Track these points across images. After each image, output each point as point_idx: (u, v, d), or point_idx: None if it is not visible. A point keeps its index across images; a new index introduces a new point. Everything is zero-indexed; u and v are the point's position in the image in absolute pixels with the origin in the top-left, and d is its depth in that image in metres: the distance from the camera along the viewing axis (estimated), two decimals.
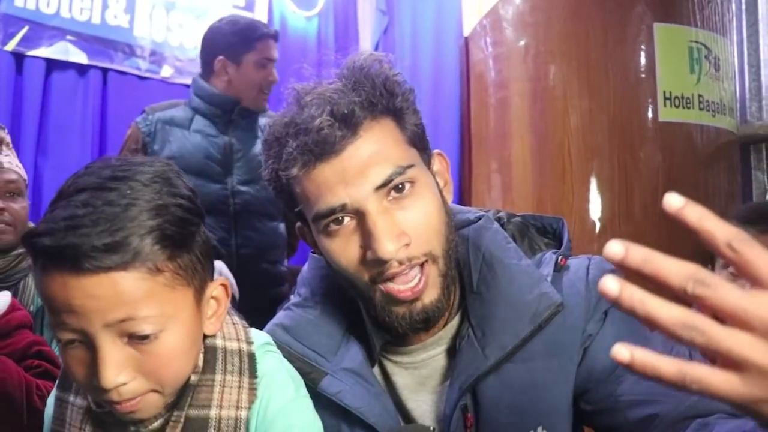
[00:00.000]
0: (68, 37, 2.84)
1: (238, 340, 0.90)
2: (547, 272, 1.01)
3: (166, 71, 3.15)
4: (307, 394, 0.93)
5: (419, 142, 0.99)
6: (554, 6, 1.96)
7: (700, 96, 1.92)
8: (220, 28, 2.48)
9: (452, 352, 1.02)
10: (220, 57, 2.41)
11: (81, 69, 2.91)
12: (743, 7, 2.65)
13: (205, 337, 0.87)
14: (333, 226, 0.93)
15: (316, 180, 0.92)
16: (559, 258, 1.02)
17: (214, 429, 0.83)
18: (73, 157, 2.86)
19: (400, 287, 0.92)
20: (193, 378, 0.85)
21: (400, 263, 0.91)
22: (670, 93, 1.88)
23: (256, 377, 0.88)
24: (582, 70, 1.89)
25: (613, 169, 1.86)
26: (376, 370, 1.05)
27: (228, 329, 0.91)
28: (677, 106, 1.88)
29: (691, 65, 1.91)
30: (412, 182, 0.94)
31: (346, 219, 0.93)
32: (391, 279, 0.92)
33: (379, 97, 0.94)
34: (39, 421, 1.27)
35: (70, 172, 2.57)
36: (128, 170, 0.79)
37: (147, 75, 3.10)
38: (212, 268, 0.87)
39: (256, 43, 2.40)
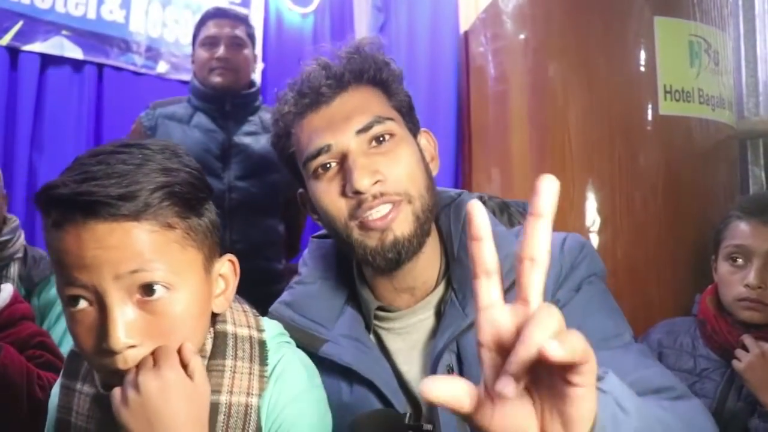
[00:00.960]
0: (63, 32, 2.82)
1: (248, 327, 0.91)
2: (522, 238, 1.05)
3: (161, 67, 3.13)
4: (321, 385, 0.93)
5: (405, 111, 1.10)
6: None
7: (700, 90, 1.91)
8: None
9: (438, 316, 1.09)
10: (192, 53, 2.53)
11: (76, 64, 2.89)
12: (740, 3, 2.65)
13: (213, 320, 0.87)
14: (320, 171, 1.04)
15: (308, 128, 1.05)
16: None
17: (225, 415, 0.82)
18: (68, 153, 2.84)
19: (374, 215, 1.01)
20: (204, 363, 0.84)
21: (374, 197, 1.00)
22: (671, 87, 1.87)
23: (266, 365, 0.88)
24: (582, 64, 1.89)
25: (614, 163, 1.86)
26: (372, 336, 1.11)
27: (238, 316, 0.91)
28: (677, 100, 1.88)
29: (691, 59, 1.91)
30: (392, 135, 1.04)
31: (332, 164, 1.03)
32: (367, 217, 1.00)
33: (367, 69, 1.07)
34: (39, 410, 1.27)
35: (65, 167, 2.54)
36: (139, 141, 0.83)
37: (143, 71, 3.08)
38: (219, 247, 0.88)
39: (201, 28, 2.47)
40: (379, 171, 1.01)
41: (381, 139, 1.04)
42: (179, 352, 0.78)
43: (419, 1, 3.46)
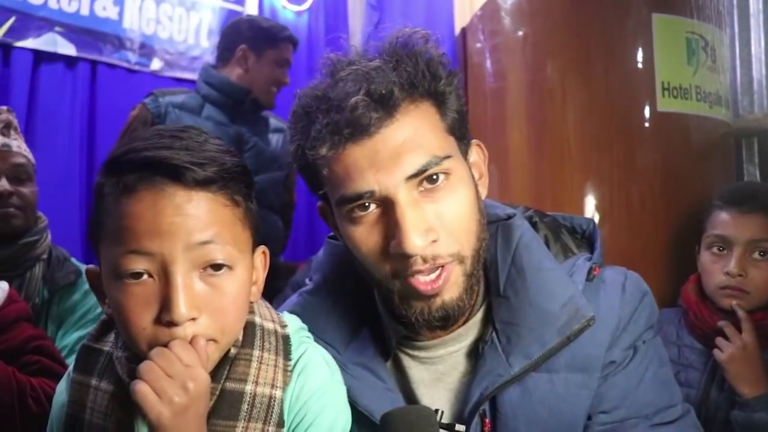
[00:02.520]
0: (56, 28, 2.79)
1: (273, 321, 0.91)
2: (579, 280, 0.98)
3: (155, 64, 3.12)
4: (342, 381, 0.93)
5: (458, 131, 0.94)
6: None
7: (697, 87, 1.92)
8: (249, 20, 2.59)
9: (473, 352, 0.99)
10: (243, 46, 2.48)
11: (69, 61, 2.87)
12: (735, 2, 2.66)
13: None
14: (358, 212, 0.89)
15: (345, 161, 0.87)
16: (593, 266, 0.99)
17: (248, 404, 0.82)
18: (61, 151, 2.82)
19: (421, 279, 0.88)
20: (233, 351, 0.85)
21: (425, 261, 0.87)
22: (669, 84, 1.87)
23: (290, 360, 0.88)
24: (581, 61, 1.89)
25: (612, 160, 1.86)
26: (390, 363, 1.02)
27: (263, 310, 0.92)
28: (675, 97, 1.88)
29: (688, 56, 1.91)
30: (447, 174, 0.89)
31: (372, 206, 0.88)
32: (413, 274, 0.88)
33: (421, 79, 0.88)
34: (34, 423, 1.23)
35: (58, 166, 2.55)
36: (196, 127, 0.85)
37: (136, 68, 3.06)
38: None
39: (280, 42, 2.50)
40: (432, 229, 0.87)
41: (434, 178, 0.88)
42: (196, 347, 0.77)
43: None
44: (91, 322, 1.67)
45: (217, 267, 0.78)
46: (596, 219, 1.88)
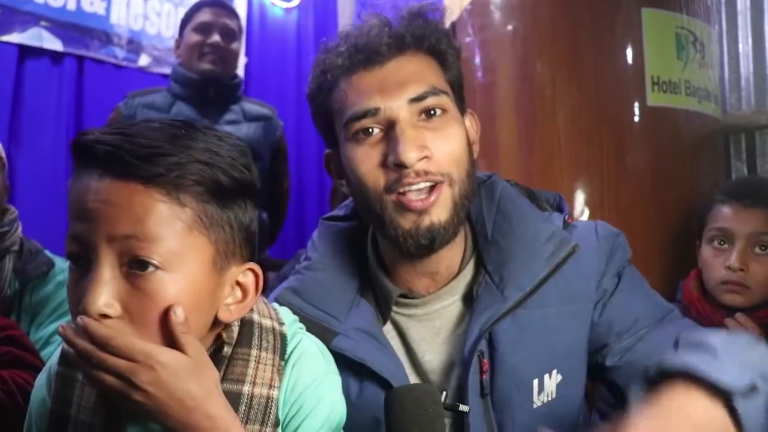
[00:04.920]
0: (42, 23, 2.77)
1: (271, 318, 0.88)
2: (558, 224, 1.07)
3: (143, 60, 3.10)
4: (337, 371, 0.91)
5: (457, 89, 1.05)
6: None
7: (687, 82, 1.92)
8: None
9: (467, 299, 1.05)
10: (177, 38, 2.54)
11: (56, 56, 2.85)
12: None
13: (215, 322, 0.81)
14: (362, 135, 0.98)
15: (357, 86, 0.99)
16: (566, 217, 1.10)
17: (246, 406, 0.79)
18: (47, 148, 2.80)
19: (413, 197, 0.96)
20: (227, 350, 0.81)
21: (417, 174, 0.95)
22: (658, 78, 1.87)
23: (284, 360, 0.85)
24: (571, 55, 1.88)
25: (602, 154, 1.85)
26: (389, 327, 1.07)
27: (261, 307, 0.88)
28: (665, 92, 1.88)
29: (678, 51, 1.91)
30: (443, 110, 0.99)
31: (376, 130, 0.98)
32: (405, 193, 0.96)
33: (428, 35, 1.01)
34: (4, 415, 1.20)
35: (44, 163, 2.53)
36: (202, 125, 0.80)
37: (124, 64, 3.05)
38: (248, 258, 0.83)
39: (195, 13, 2.48)
40: (426, 146, 0.96)
41: (432, 112, 0.98)
42: (169, 326, 0.72)
43: None
44: (66, 314, 1.65)
45: (141, 266, 0.71)
46: (586, 214, 1.87)
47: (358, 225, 1.14)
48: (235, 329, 0.83)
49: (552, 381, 1.00)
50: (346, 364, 0.96)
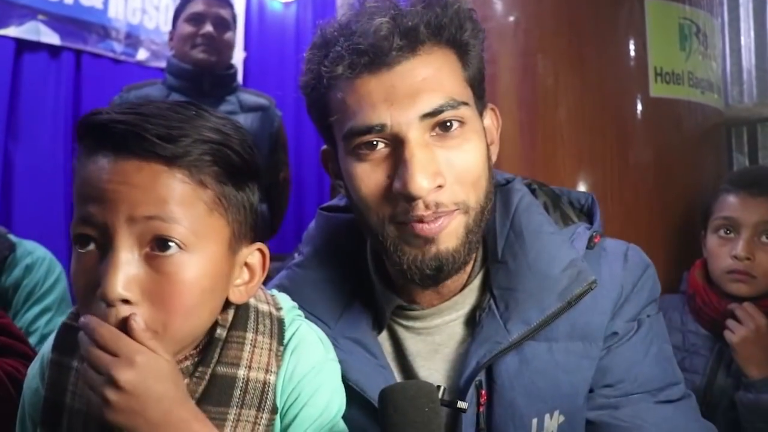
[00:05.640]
0: (39, 16, 2.75)
1: (268, 303, 0.86)
2: (580, 247, 0.95)
3: (141, 54, 3.08)
4: (336, 358, 0.88)
5: (478, 87, 0.91)
6: None
7: (690, 73, 1.91)
8: None
9: (470, 321, 0.96)
10: (171, 30, 2.52)
11: (53, 50, 2.83)
12: None
13: (227, 304, 0.81)
14: (364, 150, 0.85)
15: (359, 91, 0.84)
16: (594, 234, 0.96)
17: (241, 390, 0.78)
18: (44, 142, 2.78)
19: (417, 223, 0.85)
20: (220, 332, 0.79)
21: (427, 207, 0.83)
22: (661, 69, 1.86)
23: (283, 345, 0.83)
24: (573, 46, 1.87)
25: (605, 145, 1.84)
26: (384, 335, 0.99)
27: (258, 292, 0.87)
28: (668, 83, 1.87)
29: (681, 42, 1.90)
30: (461, 122, 0.85)
31: (380, 145, 0.85)
32: (412, 220, 0.85)
33: (448, 24, 0.85)
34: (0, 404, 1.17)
35: (41, 157, 2.50)
36: (202, 105, 0.78)
37: (122, 58, 3.03)
38: (255, 239, 0.82)
39: (187, 3, 2.46)
40: (440, 173, 0.83)
41: (448, 125, 0.85)
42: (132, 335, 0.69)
43: None
44: (45, 296, 1.62)
45: (163, 246, 0.70)
46: None
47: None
48: (230, 312, 0.81)
49: (553, 421, 0.91)
50: None
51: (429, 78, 0.84)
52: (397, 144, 0.84)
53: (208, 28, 2.40)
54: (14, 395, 1.15)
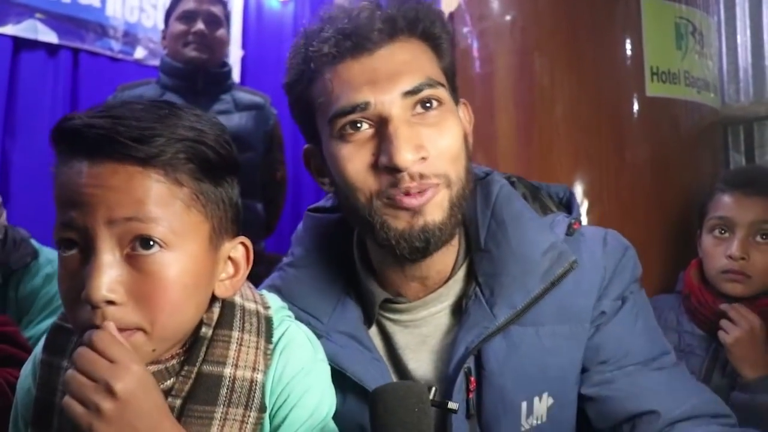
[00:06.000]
0: (37, 15, 2.75)
1: (255, 302, 0.87)
2: (560, 233, 0.99)
3: (139, 53, 3.08)
4: (325, 359, 0.89)
5: (451, 77, 0.97)
6: None
7: (686, 72, 1.91)
8: None
9: (456, 311, 0.99)
10: (163, 29, 2.52)
11: (51, 49, 2.83)
12: None
13: (214, 298, 0.82)
14: (349, 130, 0.89)
15: (343, 75, 0.89)
16: (572, 221, 1.00)
17: (227, 389, 0.78)
18: (42, 140, 2.73)
19: (406, 199, 0.88)
20: (205, 330, 0.80)
21: (412, 178, 0.87)
22: (657, 68, 1.86)
23: (271, 343, 0.84)
24: (570, 45, 1.87)
25: (601, 145, 1.85)
26: (374, 330, 1.01)
27: (245, 290, 0.87)
28: (664, 82, 1.87)
29: (677, 41, 1.90)
30: (440, 102, 0.91)
31: (365, 125, 0.89)
32: (398, 194, 0.88)
33: (422, 18, 0.92)
34: (2, 416, 1.17)
35: (39, 155, 2.48)
36: (176, 103, 0.79)
37: (119, 56, 3.03)
38: (238, 233, 0.83)
39: (178, 2, 2.45)
40: (423, 146, 0.87)
41: (428, 105, 0.90)
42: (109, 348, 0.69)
43: None
44: (60, 307, 1.61)
45: (144, 245, 0.71)
46: (586, 205, 1.87)
47: (345, 217, 1.05)
48: (216, 311, 0.82)
49: (542, 404, 0.94)
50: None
51: (408, 61, 0.90)
52: (381, 124, 0.88)
53: (200, 25, 2.39)
54: None
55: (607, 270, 0.97)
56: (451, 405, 0.90)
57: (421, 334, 1.00)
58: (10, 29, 2.69)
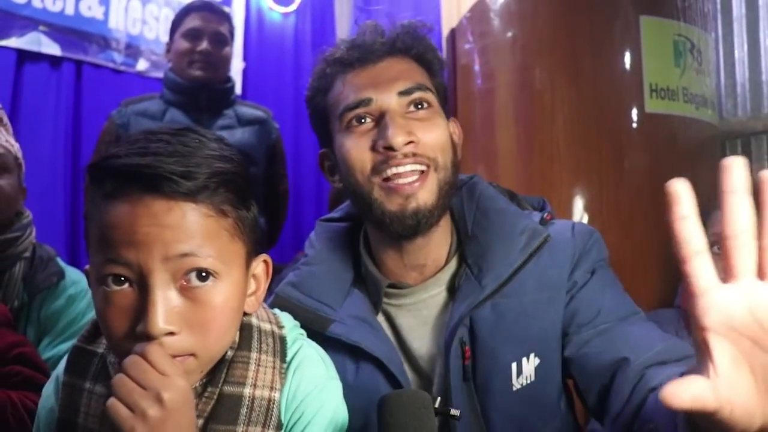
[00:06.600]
0: (41, 27, 2.76)
1: (270, 322, 0.89)
2: (535, 220, 1.13)
3: (141, 65, 3.09)
4: (337, 377, 0.92)
5: (441, 94, 1.13)
6: None
7: (684, 89, 1.94)
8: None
9: (451, 290, 1.11)
10: (168, 42, 2.50)
11: (54, 61, 2.84)
12: (718, 6, 2.70)
13: None
14: (354, 123, 1.07)
15: (352, 81, 1.09)
16: (545, 214, 1.15)
17: (247, 408, 0.80)
18: (45, 153, 2.79)
19: (400, 177, 1.04)
20: (229, 353, 0.82)
21: (405, 156, 1.03)
22: (656, 85, 1.89)
23: (285, 362, 0.86)
24: (570, 62, 1.90)
25: (601, 161, 1.87)
26: (381, 317, 1.12)
27: (259, 311, 0.89)
28: (663, 98, 1.90)
29: (676, 58, 1.93)
30: (429, 105, 1.08)
31: (368, 119, 1.06)
32: (392, 177, 1.04)
33: (416, 45, 1.11)
34: None
35: (42, 167, 2.48)
36: (191, 127, 0.82)
37: (122, 68, 3.04)
38: (259, 251, 0.86)
39: (184, 18, 2.44)
40: (413, 133, 1.04)
41: (420, 105, 1.07)
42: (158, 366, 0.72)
43: (401, 0, 3.47)
44: (79, 331, 1.60)
45: (199, 278, 0.74)
46: (585, 219, 1.89)
47: (353, 225, 1.20)
48: (237, 332, 0.84)
49: (530, 364, 1.04)
50: (342, 348, 1.03)
51: (404, 70, 1.09)
52: (380, 117, 1.06)
53: (206, 45, 2.38)
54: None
55: (576, 248, 1.09)
56: (454, 412, 0.97)
57: (421, 315, 1.11)
58: (14, 42, 2.70)
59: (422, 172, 1.04)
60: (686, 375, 0.55)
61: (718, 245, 1.62)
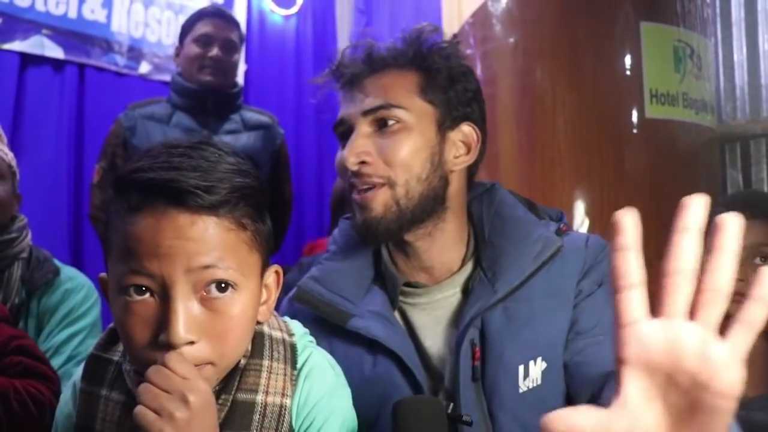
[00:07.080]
0: (44, 31, 2.78)
1: (280, 330, 0.91)
2: (551, 230, 1.14)
3: (144, 68, 3.11)
4: (346, 383, 0.94)
5: (442, 104, 1.11)
6: (544, 3, 1.99)
7: (684, 94, 1.96)
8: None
9: (465, 293, 1.14)
10: (177, 45, 2.52)
11: (57, 64, 2.86)
12: (717, 10, 2.72)
13: None
14: (341, 139, 1.13)
15: (342, 100, 1.15)
16: (561, 225, 1.16)
17: (260, 414, 0.82)
18: (48, 156, 2.81)
19: (353, 194, 1.11)
20: (242, 361, 0.84)
21: (356, 175, 1.08)
22: (656, 90, 1.91)
23: (296, 369, 0.88)
24: (571, 67, 1.92)
25: (602, 165, 1.89)
26: (396, 315, 1.15)
27: (271, 319, 0.91)
28: (663, 104, 1.92)
29: (675, 64, 1.95)
30: (398, 122, 1.08)
31: (346, 132, 1.12)
32: (351, 189, 1.11)
33: (407, 52, 1.12)
34: (19, 425, 1.21)
35: (45, 170, 2.51)
36: (208, 140, 0.83)
37: (125, 71, 3.05)
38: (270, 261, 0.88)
39: (195, 23, 2.46)
40: (370, 153, 1.08)
41: (385, 123, 1.09)
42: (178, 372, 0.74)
43: (402, 3, 3.49)
44: (78, 320, 1.67)
45: (219, 289, 0.77)
46: (586, 223, 1.91)
47: None
48: (250, 341, 0.86)
49: (537, 368, 1.06)
50: (361, 341, 1.07)
51: (377, 88, 1.10)
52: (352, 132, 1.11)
53: (216, 51, 2.40)
54: (36, 416, 1.19)
55: (587, 259, 1.12)
56: (466, 418, 0.98)
57: (436, 315, 1.14)
58: (17, 45, 2.72)
59: (374, 185, 1.08)
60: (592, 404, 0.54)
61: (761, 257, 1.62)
